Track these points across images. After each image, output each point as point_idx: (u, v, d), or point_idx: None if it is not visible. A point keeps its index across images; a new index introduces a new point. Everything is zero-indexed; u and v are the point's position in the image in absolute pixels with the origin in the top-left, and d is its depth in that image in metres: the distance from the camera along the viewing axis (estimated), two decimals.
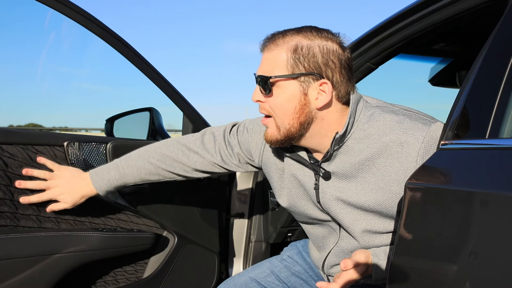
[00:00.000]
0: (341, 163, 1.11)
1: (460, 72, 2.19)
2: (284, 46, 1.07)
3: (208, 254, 1.79)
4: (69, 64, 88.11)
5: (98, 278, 1.54)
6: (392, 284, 0.91)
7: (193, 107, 1.75)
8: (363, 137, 1.08)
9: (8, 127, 10.42)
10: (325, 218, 1.21)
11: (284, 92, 1.07)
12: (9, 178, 1.32)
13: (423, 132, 1.03)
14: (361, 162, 1.08)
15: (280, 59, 1.07)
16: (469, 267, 0.76)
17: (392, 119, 1.07)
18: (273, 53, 1.08)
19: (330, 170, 1.13)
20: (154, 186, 1.59)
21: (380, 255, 1.09)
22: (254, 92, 1.12)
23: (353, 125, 1.09)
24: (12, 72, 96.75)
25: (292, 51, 1.06)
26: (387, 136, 1.05)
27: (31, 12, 72.37)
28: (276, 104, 1.08)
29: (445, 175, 0.91)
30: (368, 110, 1.10)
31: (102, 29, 1.48)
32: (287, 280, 1.33)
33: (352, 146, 1.09)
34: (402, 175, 1.04)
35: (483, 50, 0.94)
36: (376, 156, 1.07)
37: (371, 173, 1.08)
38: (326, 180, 1.14)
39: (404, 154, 1.04)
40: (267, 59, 1.09)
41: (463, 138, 0.90)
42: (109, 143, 1.52)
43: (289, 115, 1.08)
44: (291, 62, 1.06)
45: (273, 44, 1.08)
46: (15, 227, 1.33)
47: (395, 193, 1.06)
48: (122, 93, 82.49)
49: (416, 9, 1.37)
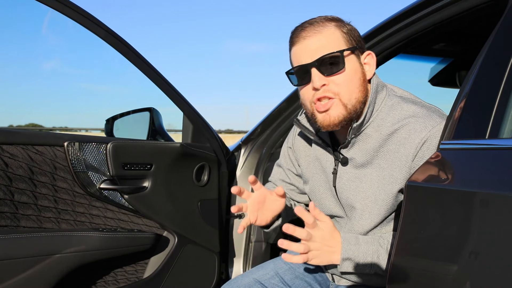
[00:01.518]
0: (359, 150, 1.15)
1: (460, 72, 2.19)
2: (331, 25, 1.11)
3: (208, 254, 1.79)
4: (69, 64, 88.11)
5: (99, 278, 1.54)
6: (392, 284, 0.91)
7: (193, 107, 1.75)
8: (381, 125, 1.12)
9: (8, 127, 10.42)
10: (337, 213, 1.23)
11: (351, 66, 1.10)
12: (9, 178, 1.32)
13: (434, 123, 1.05)
14: (376, 149, 1.12)
15: (336, 36, 1.10)
16: (469, 267, 0.76)
17: (409, 108, 1.10)
18: (324, 33, 1.10)
19: (348, 156, 1.17)
20: (154, 187, 1.59)
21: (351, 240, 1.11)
22: (313, 79, 1.09)
23: (372, 113, 1.12)
24: (12, 72, 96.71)
25: (340, 27, 1.11)
26: (399, 122, 1.09)
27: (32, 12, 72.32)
28: (345, 79, 1.09)
29: (445, 175, 0.91)
30: (390, 100, 1.14)
31: (102, 29, 1.48)
32: (291, 283, 1.33)
33: (370, 134, 1.13)
34: (404, 160, 1.07)
35: (483, 50, 0.94)
36: (388, 142, 1.10)
37: (384, 160, 1.11)
38: (344, 165, 1.18)
39: (410, 140, 1.07)
40: (320, 40, 1.10)
41: (463, 138, 0.90)
42: (109, 143, 1.52)
43: (356, 88, 1.10)
44: (345, 37, 1.11)
45: (319, 26, 1.10)
46: (16, 227, 1.33)
47: (396, 178, 1.09)
48: (122, 93, 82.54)
49: (416, 9, 1.37)
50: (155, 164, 1.59)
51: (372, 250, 1.11)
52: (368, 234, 1.16)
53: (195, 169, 1.70)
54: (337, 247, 1.11)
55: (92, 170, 1.49)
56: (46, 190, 1.40)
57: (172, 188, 1.65)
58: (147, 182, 1.59)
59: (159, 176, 1.60)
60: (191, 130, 1.72)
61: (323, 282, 1.36)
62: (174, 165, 1.64)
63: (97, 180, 1.50)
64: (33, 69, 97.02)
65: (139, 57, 1.57)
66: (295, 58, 1.13)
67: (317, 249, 1.09)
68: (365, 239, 1.13)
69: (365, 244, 1.12)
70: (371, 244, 1.12)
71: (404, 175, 1.08)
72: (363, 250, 1.11)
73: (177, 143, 1.66)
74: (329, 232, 1.11)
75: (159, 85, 1.64)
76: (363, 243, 1.12)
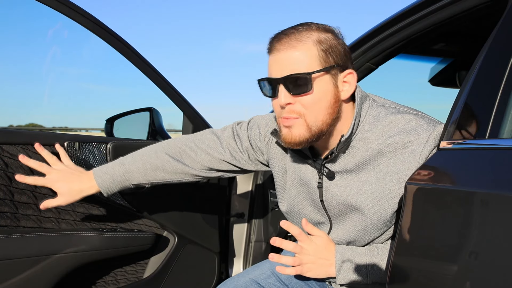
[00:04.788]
0: (345, 163, 1.11)
1: (460, 72, 2.19)
2: (309, 41, 1.02)
3: (208, 254, 1.79)
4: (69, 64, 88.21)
5: (98, 278, 1.54)
6: (392, 284, 0.91)
7: (193, 107, 1.75)
8: (368, 137, 1.08)
9: (8, 127, 10.41)
10: (320, 220, 1.21)
11: (320, 87, 1.03)
12: (9, 178, 1.32)
13: (428, 132, 1.03)
14: (365, 162, 1.08)
15: (310, 53, 1.02)
16: (469, 267, 0.76)
17: (398, 119, 1.06)
18: (299, 48, 1.02)
19: (334, 169, 1.12)
20: (154, 187, 1.59)
21: (345, 252, 1.10)
22: (279, 96, 1.04)
23: (358, 125, 1.08)
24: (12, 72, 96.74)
25: (318, 44, 1.02)
26: (392, 137, 1.05)
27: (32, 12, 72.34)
28: (312, 101, 1.03)
29: (445, 175, 0.91)
30: (374, 110, 1.10)
31: (102, 29, 1.48)
32: (288, 282, 1.33)
33: (357, 146, 1.09)
34: (403, 174, 1.04)
35: (483, 50, 0.94)
36: (380, 156, 1.06)
37: (374, 173, 1.08)
38: (330, 180, 1.14)
39: (407, 154, 1.03)
40: (293, 57, 1.02)
41: (463, 138, 0.90)
42: (109, 143, 1.52)
43: (323, 110, 1.04)
44: (322, 55, 1.02)
45: (295, 40, 1.02)
46: (16, 227, 1.33)
47: (394, 193, 1.06)
48: (122, 93, 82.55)
49: (416, 9, 1.37)
50: None
51: (367, 261, 1.10)
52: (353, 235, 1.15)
53: None
54: (333, 260, 1.10)
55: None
56: (46, 190, 1.40)
57: (172, 188, 1.65)
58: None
59: None
60: (191, 130, 1.72)
61: (320, 281, 1.36)
62: None
63: None
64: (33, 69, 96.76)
65: (139, 57, 1.57)
66: (268, 68, 1.08)
67: (311, 262, 1.09)
68: (359, 250, 1.12)
69: (359, 256, 1.11)
70: (364, 255, 1.11)
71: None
72: (358, 261, 1.10)
73: None
74: (324, 245, 1.11)
75: (159, 85, 1.64)
76: (357, 254, 1.11)
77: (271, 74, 1.06)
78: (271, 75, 1.06)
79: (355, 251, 1.12)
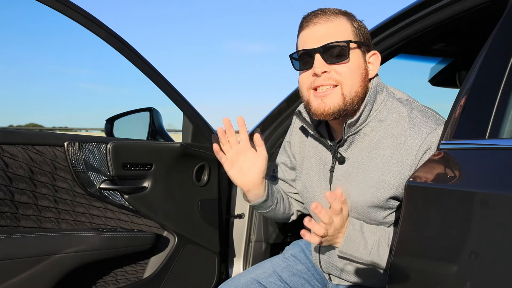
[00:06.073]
0: (356, 149, 1.14)
1: (460, 72, 2.19)
2: (343, 17, 1.10)
3: (208, 254, 1.79)
4: (70, 64, 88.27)
5: (99, 278, 1.54)
6: (392, 284, 0.91)
7: (193, 107, 1.75)
8: (378, 127, 1.11)
9: (8, 127, 10.42)
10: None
11: (355, 59, 1.09)
12: (9, 178, 1.32)
13: (430, 129, 1.05)
14: (370, 151, 1.12)
15: (345, 27, 1.09)
16: (469, 267, 0.76)
17: (406, 113, 1.10)
18: (335, 22, 1.09)
19: (346, 155, 1.16)
20: (154, 187, 1.59)
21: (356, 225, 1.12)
22: (315, 65, 1.08)
23: (370, 113, 1.11)
24: (12, 72, 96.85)
25: (351, 21, 1.11)
26: (395, 130, 1.08)
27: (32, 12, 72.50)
28: (348, 70, 1.08)
29: (445, 175, 0.91)
30: (390, 102, 1.13)
31: (102, 29, 1.48)
32: (289, 280, 1.33)
33: (367, 133, 1.12)
34: (399, 166, 1.06)
35: (483, 50, 0.94)
36: (383, 147, 1.10)
37: (374, 163, 1.10)
38: (341, 164, 1.17)
39: (406, 147, 1.06)
40: (330, 28, 1.08)
41: (463, 138, 0.90)
42: (109, 143, 1.52)
43: (358, 82, 1.09)
44: (355, 31, 1.10)
45: (332, 15, 1.09)
46: (16, 227, 1.33)
47: (388, 183, 1.07)
48: (122, 93, 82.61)
49: (416, 9, 1.37)
50: (155, 164, 1.59)
51: (374, 240, 1.11)
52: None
53: (195, 169, 1.70)
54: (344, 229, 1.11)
55: (92, 170, 1.49)
56: (46, 190, 1.40)
57: (172, 188, 1.65)
58: (147, 182, 1.59)
59: (159, 176, 1.60)
60: (191, 130, 1.72)
61: (321, 280, 1.36)
62: (174, 165, 1.64)
63: (97, 180, 1.50)
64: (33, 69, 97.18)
65: (139, 57, 1.57)
66: (301, 42, 1.12)
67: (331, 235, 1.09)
68: (369, 227, 1.13)
69: (369, 232, 1.12)
70: (373, 233, 1.12)
71: (399, 182, 1.06)
72: (365, 236, 1.11)
73: (177, 143, 1.66)
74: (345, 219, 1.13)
75: (159, 85, 1.64)
76: (367, 230, 1.12)
77: (306, 46, 1.10)
78: (305, 46, 1.11)
79: (365, 227, 1.13)
